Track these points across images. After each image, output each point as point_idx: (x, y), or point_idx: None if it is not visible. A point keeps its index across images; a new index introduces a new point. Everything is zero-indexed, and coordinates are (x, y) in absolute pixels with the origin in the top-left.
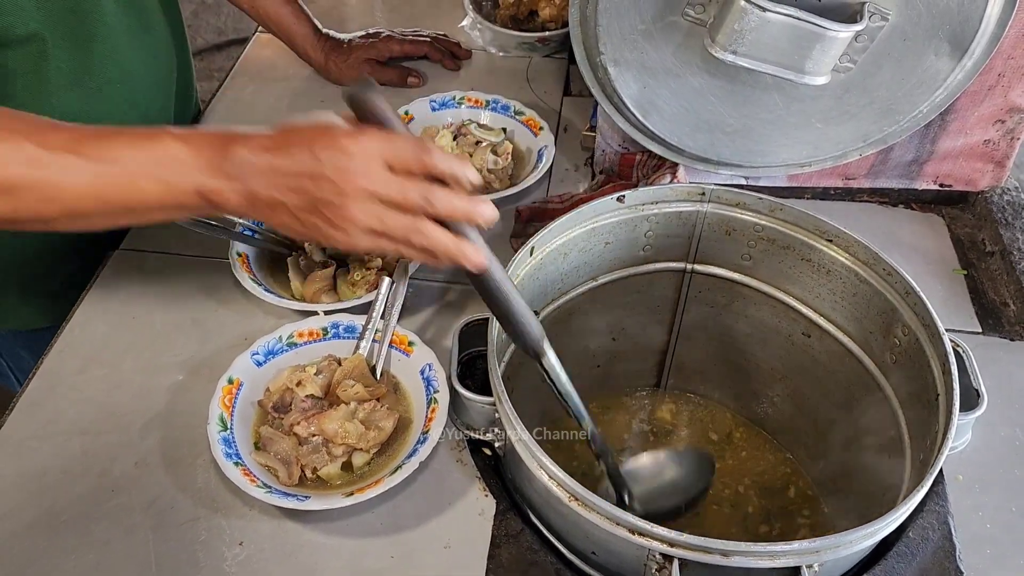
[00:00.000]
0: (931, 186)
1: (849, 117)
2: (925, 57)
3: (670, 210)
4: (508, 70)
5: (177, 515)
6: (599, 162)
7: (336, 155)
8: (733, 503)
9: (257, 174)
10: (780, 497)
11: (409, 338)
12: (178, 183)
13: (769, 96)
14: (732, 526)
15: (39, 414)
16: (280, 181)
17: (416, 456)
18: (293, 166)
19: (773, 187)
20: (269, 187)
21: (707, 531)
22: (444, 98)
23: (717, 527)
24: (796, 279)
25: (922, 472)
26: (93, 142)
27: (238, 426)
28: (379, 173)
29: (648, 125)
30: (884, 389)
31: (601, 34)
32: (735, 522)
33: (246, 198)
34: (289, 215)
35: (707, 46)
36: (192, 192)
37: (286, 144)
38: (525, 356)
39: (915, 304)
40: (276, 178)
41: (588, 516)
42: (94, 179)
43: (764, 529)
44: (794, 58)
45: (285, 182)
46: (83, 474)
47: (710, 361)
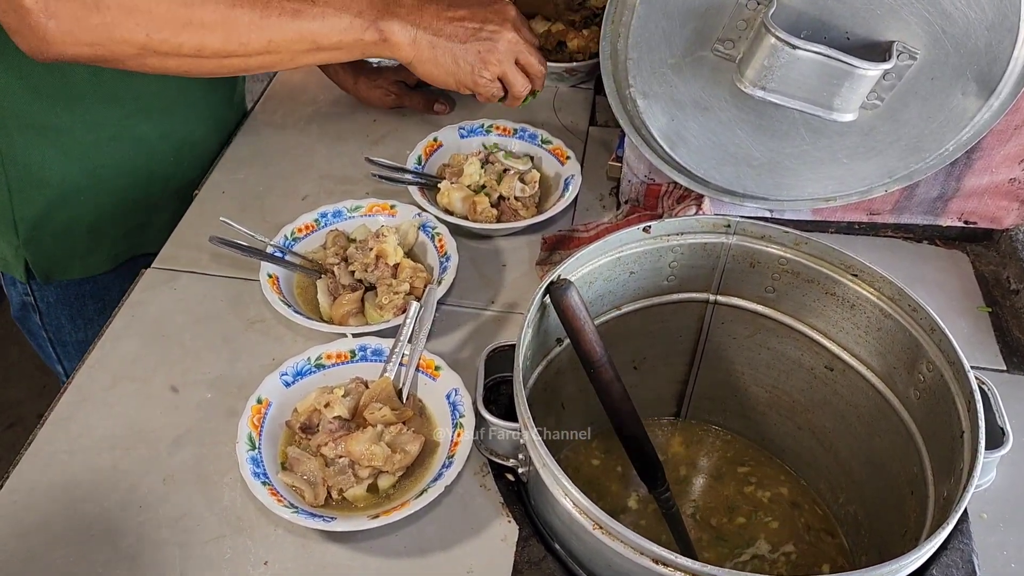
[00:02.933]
0: (956, 223)
1: (875, 153)
2: (952, 96)
3: (695, 241)
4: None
5: (203, 532)
6: (625, 192)
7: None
8: (751, 535)
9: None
10: (799, 530)
11: (436, 362)
12: (360, 20)
13: (796, 131)
14: (752, 558)
15: (70, 428)
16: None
17: (441, 480)
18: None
19: (798, 220)
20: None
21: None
22: (472, 125)
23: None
24: (820, 312)
25: (946, 510)
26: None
27: (266, 446)
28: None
29: (675, 157)
30: (907, 425)
31: (631, 67)
32: (755, 554)
33: (412, 35)
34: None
35: (736, 81)
36: (371, 28)
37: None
38: (548, 379)
39: (940, 341)
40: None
41: (612, 544)
42: (294, 15)
43: (783, 562)
44: (822, 95)
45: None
46: (112, 488)
47: (731, 392)
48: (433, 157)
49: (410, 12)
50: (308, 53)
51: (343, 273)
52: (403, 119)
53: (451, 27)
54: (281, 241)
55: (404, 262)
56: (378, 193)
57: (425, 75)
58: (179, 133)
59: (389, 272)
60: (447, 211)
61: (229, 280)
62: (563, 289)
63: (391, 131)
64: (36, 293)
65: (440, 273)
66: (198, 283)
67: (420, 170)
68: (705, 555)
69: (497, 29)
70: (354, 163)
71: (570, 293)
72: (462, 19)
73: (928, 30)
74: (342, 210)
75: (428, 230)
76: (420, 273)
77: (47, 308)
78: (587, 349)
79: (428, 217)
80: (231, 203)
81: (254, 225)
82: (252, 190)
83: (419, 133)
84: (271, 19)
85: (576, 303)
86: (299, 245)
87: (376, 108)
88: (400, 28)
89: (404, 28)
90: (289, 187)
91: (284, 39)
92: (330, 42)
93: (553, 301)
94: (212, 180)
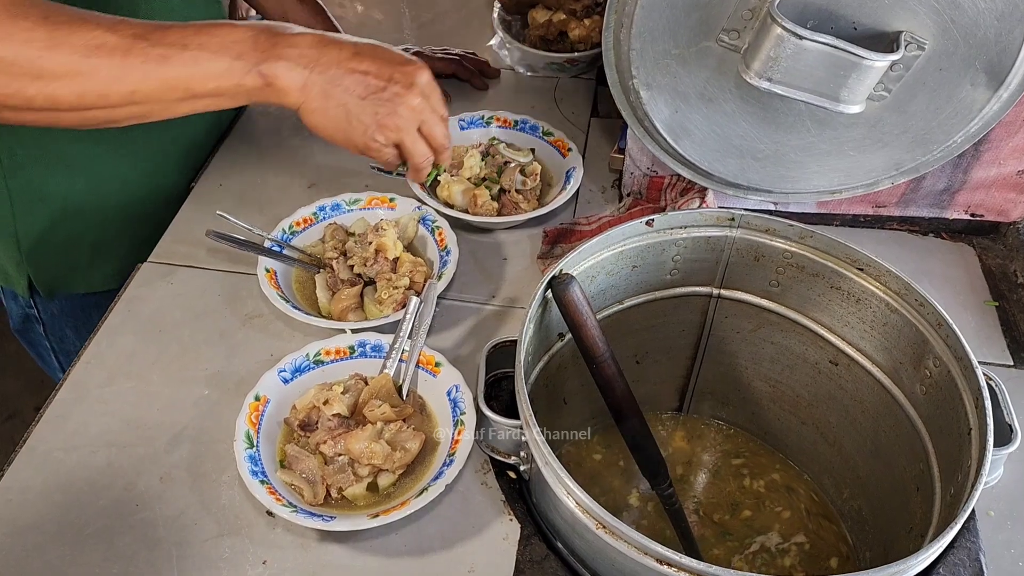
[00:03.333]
0: (962, 216)
1: (882, 145)
2: (961, 87)
3: (699, 235)
4: (536, 90)
5: (201, 531)
6: (627, 184)
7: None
8: (758, 527)
9: (329, 64)
10: (803, 526)
11: (436, 358)
12: (239, 63)
13: (802, 123)
14: (756, 556)
15: (66, 426)
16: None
17: (442, 479)
18: (372, 68)
19: (802, 213)
20: (334, 75)
21: (716, 558)
22: (473, 117)
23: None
24: (825, 307)
25: (952, 507)
26: (159, 31)
27: (264, 444)
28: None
29: (678, 149)
30: (913, 421)
31: (634, 58)
32: (759, 552)
33: (302, 80)
34: (338, 104)
35: (741, 72)
36: (252, 72)
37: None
38: (549, 374)
39: (947, 336)
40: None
41: (616, 544)
42: (160, 61)
43: (788, 560)
44: (829, 86)
45: (356, 79)
46: (108, 487)
47: (733, 386)
48: None
49: (304, 54)
50: (183, 102)
51: (342, 267)
52: None
53: (351, 79)
54: (279, 235)
55: (404, 256)
56: (377, 186)
57: (312, 126)
58: (183, 139)
59: (388, 266)
60: (447, 204)
61: (226, 275)
62: (565, 284)
63: None
64: (40, 306)
65: (440, 267)
66: (195, 278)
67: None
68: (714, 552)
69: (402, 92)
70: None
71: (572, 288)
72: (365, 72)
73: (936, 20)
74: (340, 203)
75: (428, 223)
76: (420, 267)
77: (51, 319)
78: (589, 345)
79: (428, 210)
80: (228, 196)
81: (251, 218)
82: (249, 182)
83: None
84: (133, 68)
85: (578, 298)
86: (297, 239)
87: None
88: (288, 70)
89: (293, 70)
90: (287, 179)
91: (149, 89)
92: (206, 89)
93: (555, 296)
94: (209, 173)
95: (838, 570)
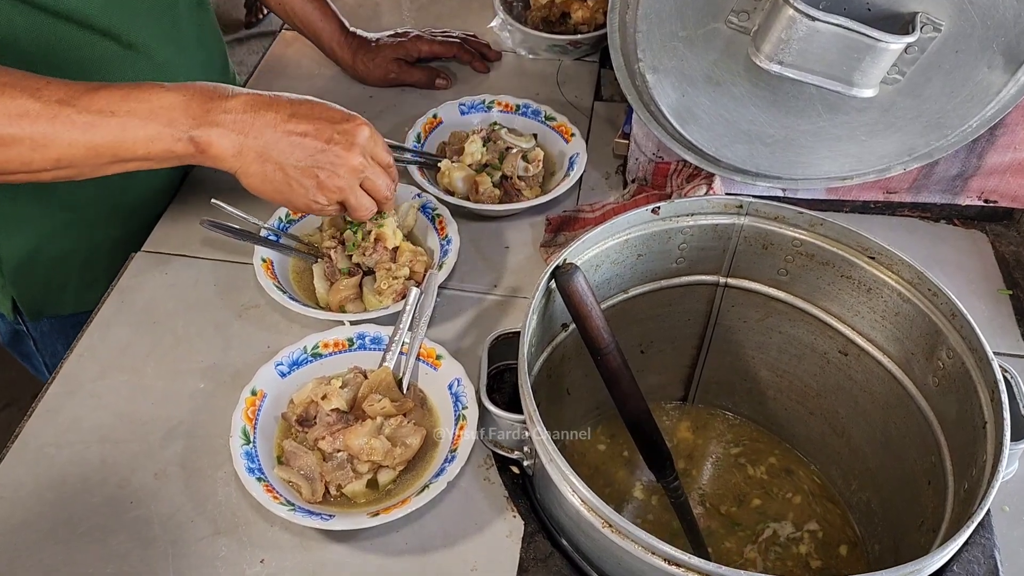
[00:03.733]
0: (976, 202)
1: (895, 130)
2: (977, 70)
3: (706, 223)
4: (538, 73)
5: (197, 529)
6: (632, 171)
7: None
8: (762, 524)
9: (264, 128)
10: (812, 511)
11: (437, 351)
12: (169, 130)
13: (812, 107)
14: (764, 549)
15: (58, 420)
16: (288, 138)
17: (443, 476)
18: (309, 129)
19: (811, 199)
20: (270, 139)
21: (721, 556)
22: (474, 101)
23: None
24: (835, 296)
25: (967, 503)
26: (87, 95)
27: (261, 439)
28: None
29: (685, 135)
30: (925, 413)
31: (640, 40)
32: (767, 545)
33: (236, 146)
34: (276, 168)
35: (751, 55)
36: (183, 138)
37: (304, 110)
38: (553, 365)
39: (962, 327)
40: (284, 134)
41: (623, 544)
42: (86, 128)
43: (803, 548)
44: (842, 69)
45: (293, 142)
46: (102, 483)
47: (740, 376)
48: (433, 135)
49: (238, 119)
50: (111, 165)
51: (340, 257)
52: (400, 94)
53: (288, 141)
54: (275, 223)
55: (403, 245)
56: None
57: (251, 189)
58: None
59: (388, 256)
60: (448, 191)
61: (222, 264)
62: (569, 274)
63: (388, 106)
64: (28, 324)
65: (441, 257)
66: (190, 267)
67: (419, 148)
68: (725, 544)
69: (342, 153)
70: None
71: (576, 278)
72: (303, 135)
73: (953, 0)
74: None
75: (428, 212)
76: (420, 257)
77: (41, 337)
78: (594, 336)
79: (428, 198)
80: (224, 182)
81: (247, 205)
82: None
83: (417, 108)
84: (58, 136)
85: (583, 288)
86: (294, 227)
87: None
88: (221, 137)
89: (226, 137)
90: None
91: (76, 155)
92: (135, 155)
93: (559, 287)
94: None
95: (848, 557)
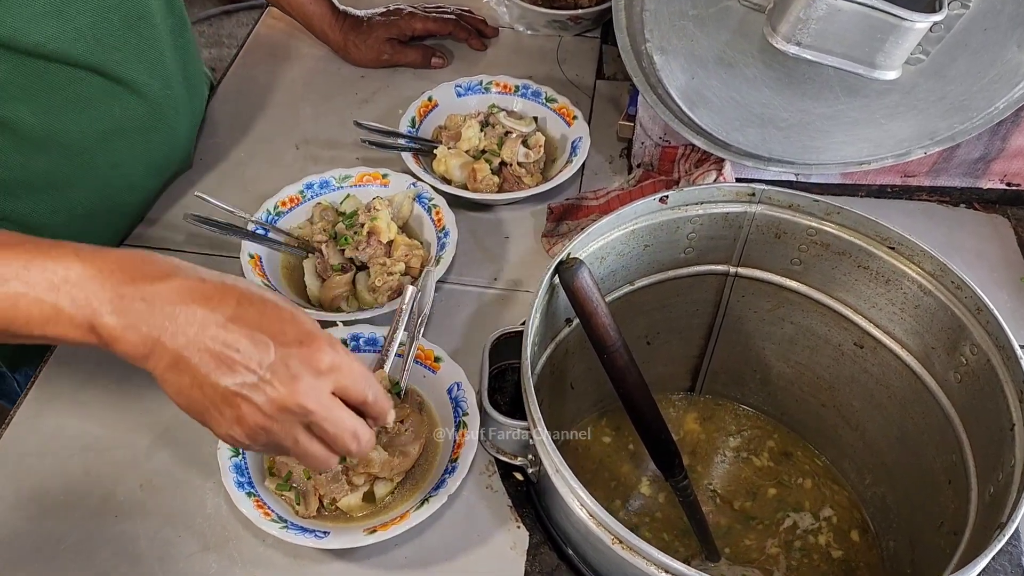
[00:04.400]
0: (997, 185)
1: (916, 113)
2: (1006, 49)
3: (716, 211)
4: (536, 50)
5: (185, 545)
6: (637, 155)
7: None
8: (772, 518)
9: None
10: (823, 503)
11: (435, 353)
12: (71, 312)
13: (830, 89)
14: (785, 543)
15: (39, 428)
16: (213, 349)
17: (444, 489)
18: (244, 345)
19: (824, 184)
20: (191, 346)
21: (748, 548)
22: (470, 82)
23: (749, 547)
24: (851, 287)
25: (993, 508)
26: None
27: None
28: (327, 403)
29: (694, 118)
30: (946, 409)
31: (648, 20)
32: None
33: (148, 346)
34: (192, 383)
35: (767, 35)
36: (84, 325)
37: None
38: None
39: (987, 322)
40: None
41: (633, 561)
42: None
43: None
44: (864, 51)
45: (218, 353)
46: (85, 496)
47: (749, 367)
48: (428, 119)
49: (157, 311)
50: (11, 338)
51: (332, 252)
52: (393, 74)
53: (210, 353)
54: (263, 216)
55: (399, 239)
56: (368, 160)
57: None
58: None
59: (382, 250)
60: (444, 180)
61: (208, 259)
62: (573, 271)
63: (381, 87)
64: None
65: (438, 251)
66: None
67: (414, 134)
68: (745, 542)
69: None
70: (342, 124)
71: (581, 274)
72: (234, 349)
73: None
74: (330, 180)
75: (424, 202)
76: (416, 251)
77: (24, 378)
78: (600, 334)
79: (424, 187)
80: (208, 172)
81: (234, 197)
82: (232, 157)
83: (411, 89)
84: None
85: (587, 284)
86: (283, 220)
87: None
88: (128, 331)
89: (135, 332)
90: (271, 153)
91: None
92: (29, 334)
93: (563, 283)
94: None
95: (862, 544)
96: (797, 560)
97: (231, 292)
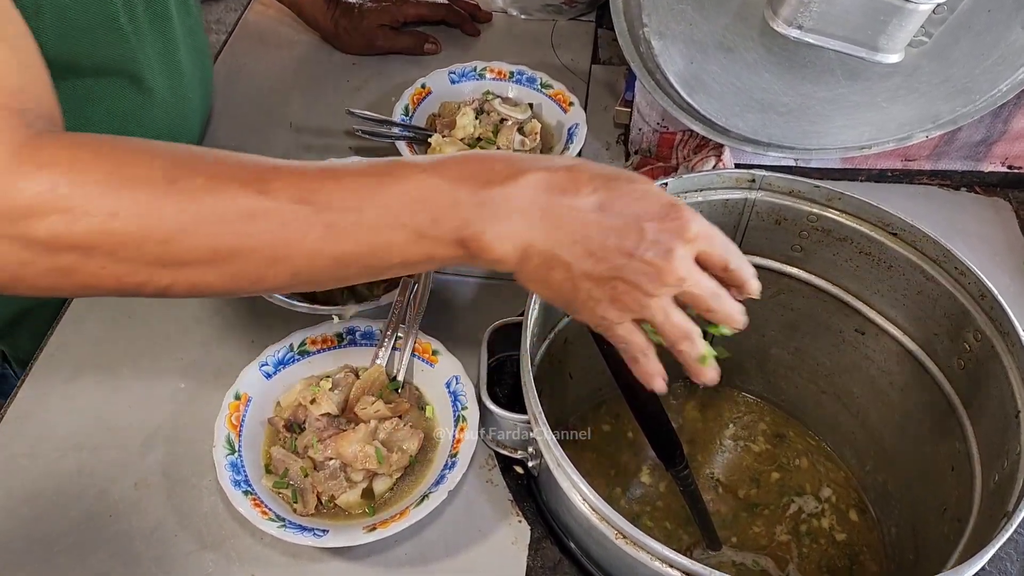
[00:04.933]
0: (999, 168)
1: (918, 96)
2: (1010, 30)
3: (716, 198)
4: (531, 34)
5: (182, 544)
6: (635, 141)
7: (671, 238)
8: (773, 505)
9: (559, 222)
10: (822, 483)
11: (433, 346)
12: (434, 231)
13: (831, 73)
14: (783, 532)
15: (29, 427)
16: (585, 242)
17: (444, 485)
18: (615, 232)
19: (824, 168)
20: (563, 243)
21: (756, 536)
22: (464, 69)
23: (757, 535)
24: (852, 273)
25: (998, 496)
26: (325, 186)
27: (247, 447)
28: (693, 269)
29: (693, 104)
30: (949, 396)
31: (646, 3)
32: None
33: (520, 251)
34: (565, 277)
35: (767, 19)
36: (450, 240)
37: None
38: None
39: (991, 309)
40: (581, 237)
41: (636, 555)
42: (329, 233)
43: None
44: (866, 33)
45: (591, 244)
46: (79, 496)
47: (749, 354)
48: (422, 106)
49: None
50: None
51: None
52: (386, 61)
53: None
54: None
55: None
56: (362, 149)
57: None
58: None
59: None
60: None
61: None
62: None
63: (373, 74)
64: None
65: None
66: None
67: (408, 122)
68: (753, 529)
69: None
70: (333, 112)
71: None
72: (604, 233)
73: None
74: None
75: None
76: None
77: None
78: None
79: None
80: None
81: None
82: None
83: (404, 76)
84: (294, 244)
85: None
86: None
87: None
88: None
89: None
90: (262, 143)
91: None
92: (388, 263)
93: None
94: None
95: (861, 524)
96: (808, 546)
97: (582, 176)
